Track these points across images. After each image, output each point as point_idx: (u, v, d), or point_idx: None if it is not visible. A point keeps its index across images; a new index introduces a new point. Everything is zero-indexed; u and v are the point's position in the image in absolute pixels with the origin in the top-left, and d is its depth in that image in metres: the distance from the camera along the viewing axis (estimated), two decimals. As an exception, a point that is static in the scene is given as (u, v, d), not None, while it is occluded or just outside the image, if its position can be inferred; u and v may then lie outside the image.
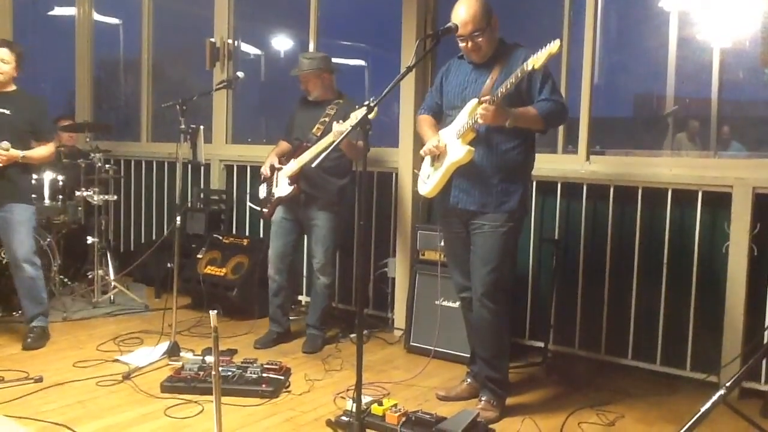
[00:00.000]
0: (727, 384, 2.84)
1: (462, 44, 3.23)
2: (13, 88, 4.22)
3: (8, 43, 4.27)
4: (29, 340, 4.18)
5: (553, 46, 2.86)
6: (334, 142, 3.81)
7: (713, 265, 3.79)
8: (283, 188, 4.24)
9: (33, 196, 4.50)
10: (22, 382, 3.56)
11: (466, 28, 3.16)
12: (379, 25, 5.86)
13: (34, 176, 4.88)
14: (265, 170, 4.37)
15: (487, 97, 3.08)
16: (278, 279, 4.39)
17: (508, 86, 3.00)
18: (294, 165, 4.19)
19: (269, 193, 4.35)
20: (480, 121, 3.06)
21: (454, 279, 3.55)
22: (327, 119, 4.18)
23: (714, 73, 4.16)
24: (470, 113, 3.16)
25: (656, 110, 4.96)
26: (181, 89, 6.56)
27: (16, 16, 6.44)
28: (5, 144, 4.02)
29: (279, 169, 4.29)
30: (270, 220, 4.44)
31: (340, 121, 3.80)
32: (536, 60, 2.89)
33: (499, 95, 3.02)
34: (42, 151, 4.23)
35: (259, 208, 4.57)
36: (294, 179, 4.20)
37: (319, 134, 4.14)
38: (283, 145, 4.45)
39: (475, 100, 3.17)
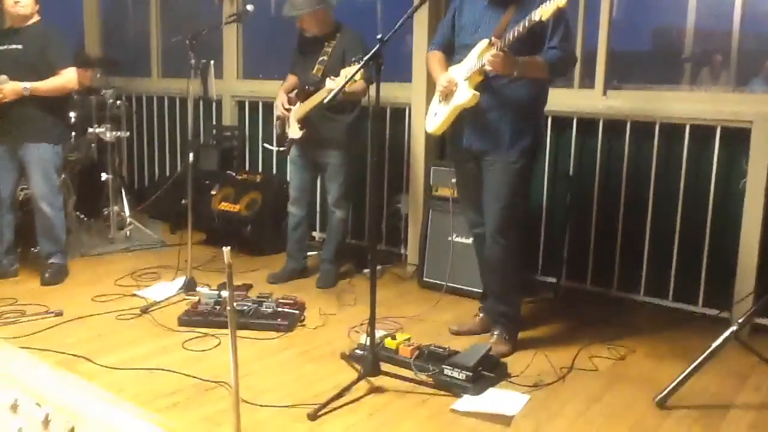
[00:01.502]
0: (740, 320, 2.86)
1: None
2: (34, 20, 4.16)
3: None
4: (47, 275, 4.24)
5: None
6: (326, 96, 3.77)
7: (729, 201, 3.76)
8: (294, 130, 4.23)
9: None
10: (42, 316, 3.64)
11: None
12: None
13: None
14: (279, 111, 4.33)
15: (497, 41, 3.00)
16: (298, 213, 4.42)
17: (515, 34, 2.92)
18: (300, 110, 4.17)
19: (283, 131, 4.34)
20: (488, 67, 3.00)
21: (467, 215, 3.55)
22: (325, 57, 4.12)
23: (736, 5, 4.03)
24: (479, 55, 3.09)
25: (676, 44, 4.84)
26: (190, 23, 6.45)
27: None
28: (3, 77, 3.98)
29: (289, 110, 4.26)
30: (287, 157, 4.44)
31: (333, 78, 3.76)
32: (544, 11, 2.80)
33: (507, 42, 2.94)
34: (52, 81, 4.11)
35: (274, 148, 4.56)
36: (302, 123, 4.18)
37: (319, 75, 4.09)
38: (291, 79, 4.40)
39: (485, 41, 3.09)
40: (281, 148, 4.43)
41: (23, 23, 4.12)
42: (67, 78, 4.16)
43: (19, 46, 4.08)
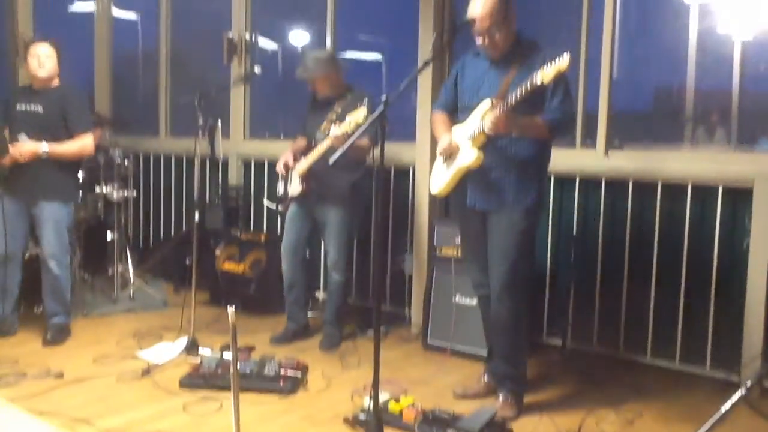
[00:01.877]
0: (748, 383, 2.82)
1: (478, 39, 3.20)
2: (55, 83, 4.25)
3: (48, 38, 4.26)
4: (49, 336, 4.22)
5: (562, 62, 2.82)
6: (331, 145, 3.84)
7: (733, 261, 3.75)
8: (294, 186, 4.26)
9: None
10: (43, 378, 3.61)
11: (483, 24, 3.12)
12: (396, 19, 5.85)
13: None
14: (279, 168, 4.37)
15: (499, 103, 3.03)
16: (291, 273, 4.40)
17: (517, 97, 2.96)
18: (303, 164, 4.20)
19: (285, 190, 4.36)
20: (488, 132, 3.04)
21: (472, 275, 3.54)
22: (334, 116, 4.18)
23: (735, 65, 4.11)
24: (483, 116, 3.13)
25: (677, 103, 4.90)
26: (198, 84, 6.58)
27: (36, 13, 6.49)
28: (23, 137, 4.05)
29: (293, 167, 4.30)
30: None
31: (338, 123, 3.80)
32: (545, 75, 2.85)
33: (510, 105, 2.98)
34: (71, 145, 4.17)
35: (274, 206, 4.58)
36: (304, 178, 4.21)
37: (327, 132, 4.14)
38: (301, 141, 4.45)
39: (488, 102, 3.14)
40: (279, 208, 4.45)
41: (47, 85, 4.21)
42: (85, 143, 4.23)
43: (39, 109, 4.15)
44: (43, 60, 4.12)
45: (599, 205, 4.16)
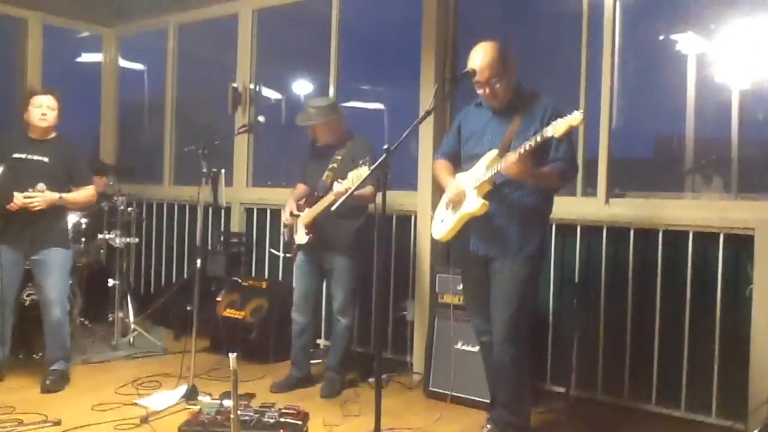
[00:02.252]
0: (755, 431, 2.78)
1: (480, 90, 3.26)
2: (53, 134, 4.31)
3: (53, 90, 4.35)
4: (48, 382, 4.19)
5: (574, 118, 2.85)
6: (335, 200, 3.87)
7: (737, 308, 3.73)
8: (300, 236, 4.28)
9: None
10: (40, 426, 3.57)
11: (483, 75, 3.18)
12: (398, 69, 5.93)
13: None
14: (285, 218, 4.40)
15: (508, 154, 3.06)
16: (302, 321, 4.39)
17: (528, 148, 2.97)
18: (308, 215, 4.23)
19: (291, 237, 4.39)
20: (503, 172, 3.05)
21: (474, 322, 3.52)
22: (335, 165, 4.22)
23: (734, 114, 4.15)
24: (489, 165, 3.17)
25: (676, 152, 4.93)
26: (203, 133, 6.66)
27: (45, 63, 6.62)
28: (41, 186, 4.10)
29: (297, 216, 4.32)
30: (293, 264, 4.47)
31: (340, 181, 3.85)
32: (556, 129, 2.88)
33: (522, 152, 2.99)
34: (81, 194, 4.30)
35: (282, 254, 4.60)
36: (309, 228, 4.23)
37: (329, 181, 4.17)
38: (300, 188, 4.49)
39: (494, 152, 3.18)
40: (288, 254, 4.47)
41: (45, 135, 4.26)
42: (91, 194, 4.38)
43: (45, 159, 4.20)
44: (46, 111, 4.19)
45: (601, 252, 4.16)
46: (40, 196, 4.08)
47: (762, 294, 3.59)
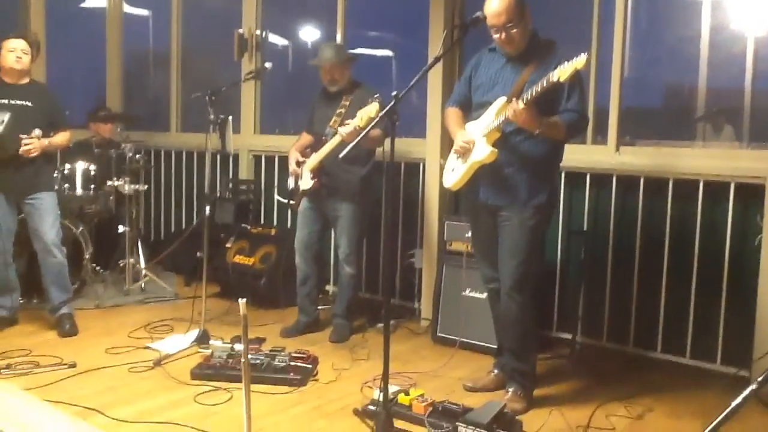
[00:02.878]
0: (759, 378, 2.81)
1: (495, 35, 3.19)
2: (28, 79, 4.29)
3: (24, 33, 4.40)
4: (67, 326, 4.25)
5: (579, 61, 2.81)
6: (342, 140, 3.86)
7: (745, 257, 3.74)
8: (305, 181, 4.27)
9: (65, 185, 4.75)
10: (55, 368, 3.64)
11: (500, 19, 3.11)
12: (407, 16, 5.84)
13: (68, 166, 5.03)
14: (293, 167, 4.39)
15: (515, 101, 3.02)
16: (304, 268, 4.42)
17: (534, 94, 2.95)
18: (314, 159, 4.22)
19: (296, 185, 4.38)
20: (511, 119, 3.03)
21: (482, 270, 3.54)
22: (343, 110, 4.19)
23: (748, 62, 4.09)
24: (497, 112, 3.14)
25: (688, 101, 4.88)
26: (209, 80, 6.60)
27: (48, 9, 6.54)
28: (37, 131, 4.11)
29: (303, 162, 4.31)
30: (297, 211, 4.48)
31: (348, 122, 3.83)
32: (562, 72, 2.85)
33: (526, 100, 2.97)
34: (61, 137, 4.34)
35: (286, 201, 4.61)
36: (315, 173, 4.22)
37: (336, 127, 4.15)
38: (305, 138, 4.47)
39: (503, 99, 3.14)
40: (292, 202, 4.47)
41: (21, 80, 4.25)
42: (68, 137, 4.42)
43: (29, 103, 4.19)
44: (20, 54, 4.18)
45: (610, 201, 4.16)
46: (37, 143, 4.10)
47: (770, 243, 3.59)
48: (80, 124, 5.84)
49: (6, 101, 4.15)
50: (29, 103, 4.19)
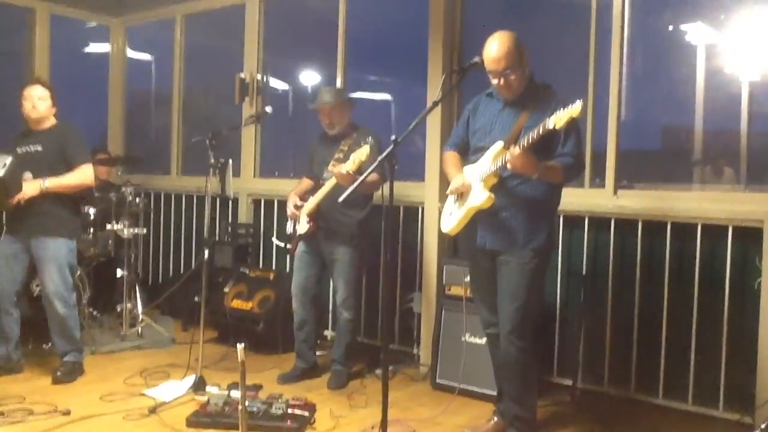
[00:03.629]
0: (762, 426, 2.78)
1: (493, 80, 3.23)
2: (51, 123, 4.29)
3: (41, 80, 4.38)
4: (59, 374, 4.20)
5: (574, 109, 2.83)
6: (336, 183, 3.90)
7: (745, 301, 3.72)
8: (302, 225, 4.28)
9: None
10: (49, 415, 3.59)
11: (499, 65, 3.15)
12: (406, 60, 5.92)
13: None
14: (291, 210, 4.40)
15: (513, 147, 3.03)
16: (302, 312, 4.40)
17: (530, 140, 2.97)
18: (311, 203, 4.24)
19: (293, 229, 4.39)
20: (508, 166, 3.04)
21: (481, 314, 3.52)
22: (341, 154, 4.21)
23: (743, 105, 4.12)
24: (494, 157, 3.15)
25: (684, 143, 4.91)
26: (210, 123, 6.66)
27: (53, 53, 6.63)
28: (27, 175, 4.10)
29: (301, 206, 4.33)
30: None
31: (340, 165, 3.86)
32: (558, 120, 2.87)
33: (523, 147, 2.98)
34: (70, 177, 4.15)
35: (283, 245, 4.62)
36: (311, 216, 4.23)
37: (334, 169, 4.17)
38: (305, 182, 4.50)
39: (500, 144, 3.16)
40: (288, 246, 4.47)
41: (41, 126, 4.26)
42: (85, 174, 4.21)
43: (39, 148, 4.18)
44: (36, 102, 4.20)
45: (609, 244, 4.15)
46: (27, 187, 4.05)
47: (770, 287, 3.57)
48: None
49: (24, 149, 4.18)
50: (39, 148, 4.18)
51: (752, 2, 4.06)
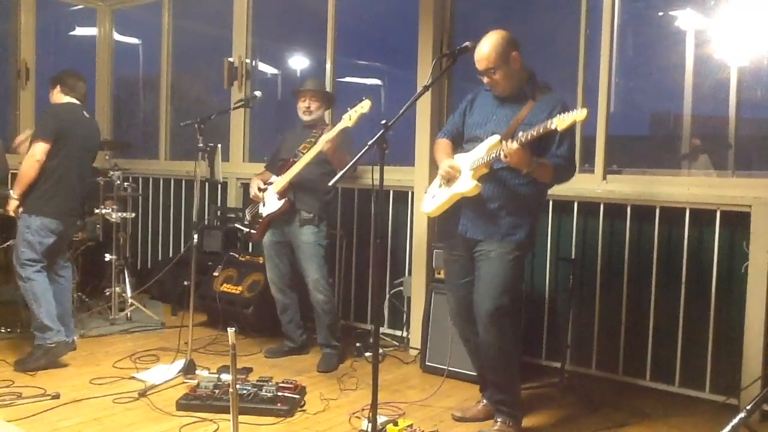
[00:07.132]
0: (748, 407, 2.81)
1: (483, 78, 3.28)
2: None
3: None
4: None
5: (579, 114, 2.85)
6: (308, 163, 3.96)
7: (732, 285, 3.75)
8: (272, 205, 4.29)
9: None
10: (39, 399, 3.59)
11: (481, 64, 3.21)
12: (396, 44, 5.90)
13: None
14: (255, 193, 4.44)
15: (510, 141, 3.03)
16: (282, 298, 4.49)
17: (529, 137, 2.97)
18: (282, 180, 4.28)
19: (256, 214, 4.42)
20: (503, 159, 3.04)
21: (450, 302, 3.53)
22: (314, 139, 4.27)
23: (732, 91, 4.14)
24: (489, 149, 3.15)
25: (673, 129, 4.93)
26: (199, 108, 6.62)
27: (39, 37, 6.56)
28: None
29: (265, 190, 4.36)
30: (261, 243, 4.53)
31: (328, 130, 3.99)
32: (561, 122, 2.87)
33: (520, 142, 2.99)
34: (21, 168, 4.16)
35: (247, 230, 4.66)
36: (283, 193, 4.25)
37: (305, 151, 4.24)
38: (266, 175, 4.57)
39: (496, 137, 3.16)
40: (253, 230, 4.49)
41: None
42: (28, 155, 4.15)
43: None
44: None
45: (598, 229, 4.17)
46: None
47: (757, 271, 3.60)
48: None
49: None
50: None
51: (741, -12, 4.07)
